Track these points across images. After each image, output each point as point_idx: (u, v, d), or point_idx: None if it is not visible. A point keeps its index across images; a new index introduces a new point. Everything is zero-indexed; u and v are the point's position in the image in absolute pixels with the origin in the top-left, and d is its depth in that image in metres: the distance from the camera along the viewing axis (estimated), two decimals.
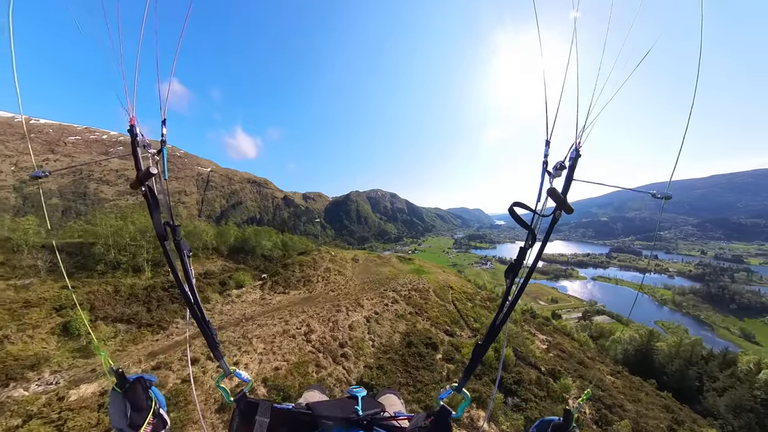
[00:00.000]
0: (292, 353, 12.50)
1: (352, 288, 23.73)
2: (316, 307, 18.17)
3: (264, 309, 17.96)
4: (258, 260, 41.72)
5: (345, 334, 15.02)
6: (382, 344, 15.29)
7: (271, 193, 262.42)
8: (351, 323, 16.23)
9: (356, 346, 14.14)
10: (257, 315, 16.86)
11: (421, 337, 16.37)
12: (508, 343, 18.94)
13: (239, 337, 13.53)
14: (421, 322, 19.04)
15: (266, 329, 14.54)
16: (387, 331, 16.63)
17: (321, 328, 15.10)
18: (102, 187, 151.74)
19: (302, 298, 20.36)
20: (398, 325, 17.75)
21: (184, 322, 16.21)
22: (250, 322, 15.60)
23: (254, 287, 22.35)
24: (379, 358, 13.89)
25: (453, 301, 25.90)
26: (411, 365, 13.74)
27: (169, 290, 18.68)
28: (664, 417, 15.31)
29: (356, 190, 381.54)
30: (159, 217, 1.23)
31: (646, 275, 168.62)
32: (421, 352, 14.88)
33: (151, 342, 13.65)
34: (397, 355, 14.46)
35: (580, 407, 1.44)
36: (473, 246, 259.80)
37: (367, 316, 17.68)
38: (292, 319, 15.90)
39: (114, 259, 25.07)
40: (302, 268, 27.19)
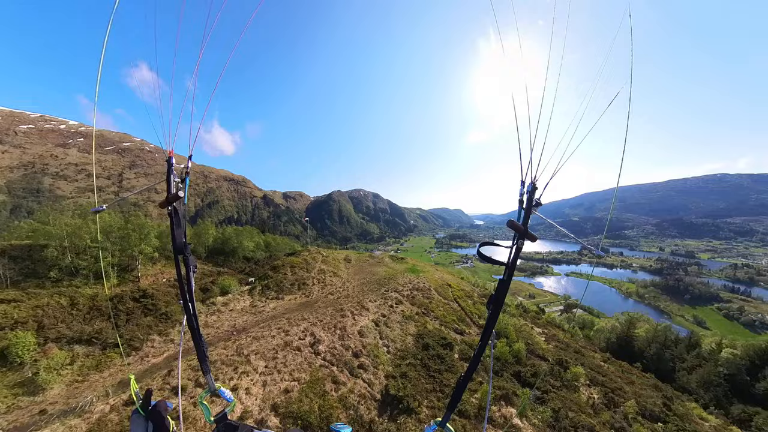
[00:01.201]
0: (302, 370, 10.60)
1: (351, 290, 21.92)
2: (318, 312, 16.23)
3: (257, 318, 15.76)
4: (240, 262, 38.44)
5: (356, 341, 13.29)
6: (398, 349, 13.78)
7: (250, 191, 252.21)
8: (360, 329, 14.51)
9: (372, 355, 12.48)
10: (250, 326, 14.68)
11: (435, 338, 15.23)
12: (518, 338, 18.97)
13: (233, 354, 11.39)
14: (430, 322, 17.78)
15: (264, 342, 12.47)
16: (399, 335, 15.11)
17: (328, 337, 13.24)
18: (59, 182, 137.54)
19: (299, 303, 18.30)
20: (408, 327, 16.30)
21: (161, 338, 13.72)
22: (243, 335, 13.43)
23: (242, 293, 19.95)
24: (398, 365, 12.41)
25: (455, 299, 24.95)
26: (433, 369, 12.59)
27: (142, 300, 15.96)
28: (656, 395, 16.35)
29: (338, 190, 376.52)
30: (181, 234, 1.52)
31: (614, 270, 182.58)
32: (440, 353, 13.77)
33: (120, 368, 11.15)
34: (416, 359, 13.10)
35: None
36: (454, 245, 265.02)
37: (375, 320, 16.03)
38: (293, 329, 13.89)
39: (71, 265, 21.72)
40: (294, 270, 24.95)
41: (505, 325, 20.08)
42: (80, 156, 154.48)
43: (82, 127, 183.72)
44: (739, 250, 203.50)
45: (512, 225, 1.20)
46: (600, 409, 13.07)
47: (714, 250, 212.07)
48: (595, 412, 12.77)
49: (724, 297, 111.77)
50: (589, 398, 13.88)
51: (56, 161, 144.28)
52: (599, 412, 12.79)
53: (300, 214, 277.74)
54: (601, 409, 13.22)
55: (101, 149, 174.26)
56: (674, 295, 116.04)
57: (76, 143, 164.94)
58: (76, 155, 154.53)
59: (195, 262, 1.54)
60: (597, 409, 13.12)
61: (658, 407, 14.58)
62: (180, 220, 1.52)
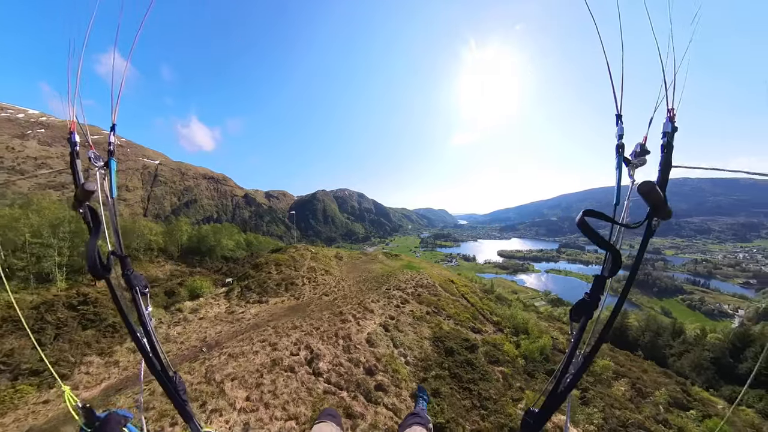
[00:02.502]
0: (300, 401, 7.60)
1: (348, 289, 18.94)
2: (312, 318, 13.13)
3: (235, 328, 12.43)
4: (218, 262, 34.31)
5: (366, 353, 10.39)
6: (417, 358, 11.13)
7: (231, 190, 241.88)
8: (368, 336, 11.62)
9: (389, 369, 9.66)
10: (225, 339, 11.37)
11: (455, 340, 12.88)
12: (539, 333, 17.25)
13: (200, 381, 8.18)
14: (444, 322, 15.36)
15: (244, 362, 9.31)
16: (413, 340, 12.47)
17: (330, 350, 10.24)
18: (13, 177, 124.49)
19: (288, 307, 15.07)
20: (422, 329, 13.71)
21: (102, 360, 10.19)
22: (215, 352, 10.15)
23: (216, 296, 16.47)
24: (423, 379, 9.79)
25: (463, 295, 22.75)
26: (465, 379, 10.20)
27: (80, 308, 12.24)
28: (670, 382, 16.23)
29: (323, 189, 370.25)
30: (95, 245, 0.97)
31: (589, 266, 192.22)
32: (468, 358, 11.44)
33: (32, 408, 7.57)
34: (443, 369, 10.58)
35: None
36: (439, 245, 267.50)
37: (383, 324, 13.23)
38: (282, 341, 10.77)
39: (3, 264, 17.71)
40: (280, 268, 21.58)
41: (522, 320, 18.67)
42: (40, 149, 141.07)
43: (44, 117, 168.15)
44: (699, 247, 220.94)
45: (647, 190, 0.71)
46: (638, 403, 12.36)
47: (677, 246, 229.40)
48: (636, 407, 11.90)
49: (687, 289, 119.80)
50: (625, 392, 13.04)
51: (12, 154, 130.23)
52: (640, 405, 12.07)
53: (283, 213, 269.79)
54: (638, 402, 12.52)
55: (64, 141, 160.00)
56: (644, 288, 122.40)
57: (36, 134, 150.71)
58: (36, 148, 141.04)
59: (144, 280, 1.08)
60: (636, 402, 12.38)
61: (682, 395, 14.33)
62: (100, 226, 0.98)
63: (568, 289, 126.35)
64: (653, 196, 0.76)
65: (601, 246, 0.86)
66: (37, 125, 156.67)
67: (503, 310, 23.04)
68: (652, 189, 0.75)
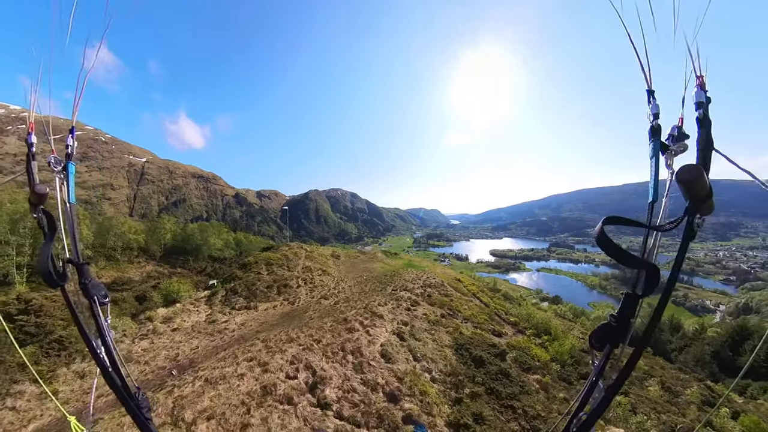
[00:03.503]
0: None
1: (350, 291, 16.79)
2: (311, 327, 10.92)
3: (215, 342, 10.09)
4: (204, 262, 31.51)
5: (384, 371, 8.29)
6: (443, 372, 9.21)
7: (221, 189, 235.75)
8: (382, 349, 9.51)
9: (415, 391, 7.59)
10: (203, 357, 9.08)
11: (481, 346, 11.21)
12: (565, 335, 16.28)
13: (164, 423, 5.90)
14: (463, 325, 13.53)
15: (226, 391, 7.06)
16: (434, 349, 10.56)
17: (337, 370, 8.08)
18: None
19: (281, 314, 12.78)
20: (440, 335, 11.84)
21: (37, 390, 7.76)
22: (188, 376, 7.86)
23: (196, 302, 14.05)
24: (457, 400, 7.92)
25: (475, 295, 21.04)
26: (505, 394, 8.51)
27: (19, 319, 9.69)
28: (689, 378, 15.76)
29: (315, 189, 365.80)
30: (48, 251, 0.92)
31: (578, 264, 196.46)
32: (503, 368, 9.84)
33: None
34: (476, 384, 8.79)
35: None
36: (431, 244, 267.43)
37: (397, 331, 11.19)
38: (275, 359, 8.54)
39: None
40: (271, 268, 19.23)
41: (541, 320, 17.75)
42: (20, 145, 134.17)
43: (25, 112, 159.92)
44: None
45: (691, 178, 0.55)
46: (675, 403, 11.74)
47: (662, 245, 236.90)
48: (678, 409, 11.20)
49: None
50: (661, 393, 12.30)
51: None
52: (680, 407, 11.49)
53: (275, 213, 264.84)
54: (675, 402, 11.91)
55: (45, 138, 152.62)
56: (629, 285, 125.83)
57: (17, 130, 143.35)
58: (15, 144, 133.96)
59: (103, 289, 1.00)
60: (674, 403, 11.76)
61: (707, 391, 13.89)
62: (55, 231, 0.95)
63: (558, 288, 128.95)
64: (698, 186, 0.58)
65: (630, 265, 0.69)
66: (17, 121, 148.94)
67: (518, 310, 21.45)
68: (698, 176, 0.56)
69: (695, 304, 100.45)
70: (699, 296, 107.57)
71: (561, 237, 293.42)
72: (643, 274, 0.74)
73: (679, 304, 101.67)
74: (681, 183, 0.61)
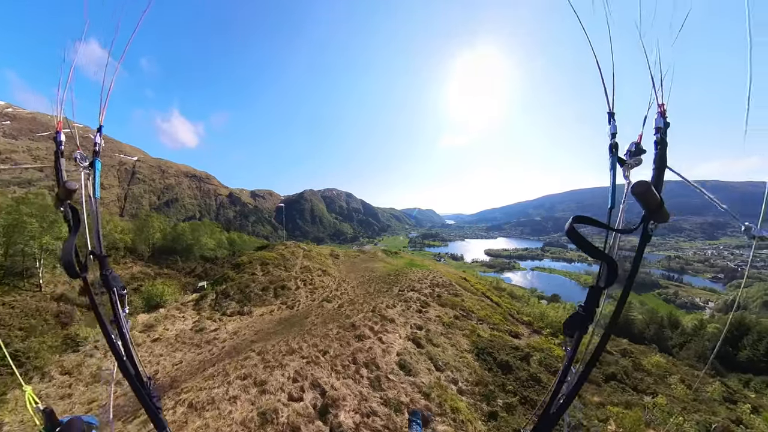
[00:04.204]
0: None
1: (353, 293, 15.43)
2: (314, 335, 9.52)
3: (203, 355, 8.61)
4: (195, 263, 29.77)
5: (405, 385, 6.99)
6: (469, 381, 8.11)
7: (215, 189, 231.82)
8: (399, 359, 8.22)
9: (445, 408, 6.35)
10: (188, 374, 7.63)
11: (504, 349, 10.33)
12: None
13: None
14: (479, 327, 12.41)
15: (214, 419, 5.65)
16: (454, 355, 9.42)
17: (351, 387, 6.72)
18: None
19: (279, 320, 11.32)
20: (458, 339, 10.75)
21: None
22: (168, 400, 6.42)
23: (183, 306, 12.48)
24: (491, 414, 6.80)
25: (484, 294, 20.01)
26: (541, 405, 6.79)
27: None
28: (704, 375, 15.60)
29: (310, 189, 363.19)
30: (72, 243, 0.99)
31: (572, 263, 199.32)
32: (532, 373, 8.90)
33: None
34: (507, 392, 7.82)
35: None
36: (427, 244, 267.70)
37: (412, 337, 9.93)
38: (274, 376, 7.14)
39: None
40: (267, 268, 17.74)
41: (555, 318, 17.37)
42: (5, 142, 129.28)
43: (10, 108, 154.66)
44: (672, 244, 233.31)
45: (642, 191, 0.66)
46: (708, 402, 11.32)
47: (652, 244, 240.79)
48: (708, 407, 10.68)
49: (662, 284, 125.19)
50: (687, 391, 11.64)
51: None
52: (710, 405, 11.04)
53: (270, 213, 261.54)
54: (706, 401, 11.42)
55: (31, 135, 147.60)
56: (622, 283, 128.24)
57: (2, 126, 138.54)
58: (1, 141, 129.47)
59: (120, 282, 1.06)
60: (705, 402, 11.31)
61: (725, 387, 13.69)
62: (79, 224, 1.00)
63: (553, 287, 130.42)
64: (648, 198, 0.70)
65: (593, 256, 0.79)
66: (2, 117, 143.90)
67: (530, 309, 20.47)
68: (647, 190, 0.68)
69: (685, 301, 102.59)
70: (689, 294, 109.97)
71: (554, 237, 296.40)
72: (605, 267, 0.81)
73: (670, 301, 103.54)
74: (634, 195, 0.71)
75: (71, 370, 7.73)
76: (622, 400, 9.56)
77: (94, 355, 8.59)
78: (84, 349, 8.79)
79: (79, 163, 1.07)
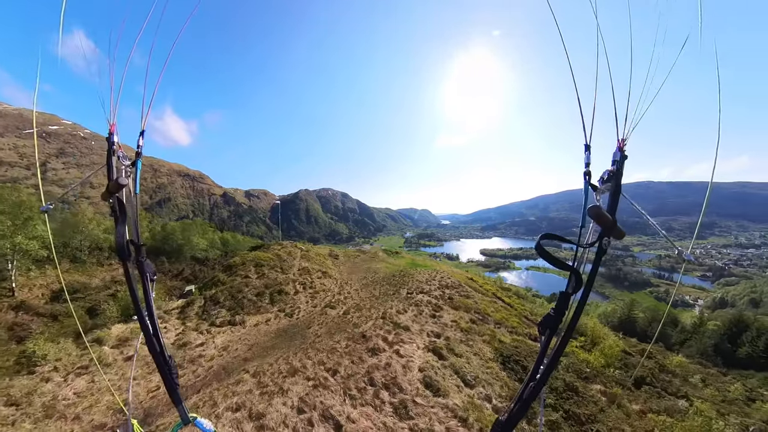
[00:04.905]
0: None
1: (358, 296, 14.02)
2: (319, 349, 8.11)
3: (184, 379, 7.04)
4: (184, 264, 27.98)
5: (436, 410, 5.67)
6: (503, 396, 7.01)
7: (208, 188, 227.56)
8: (422, 375, 6.89)
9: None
10: (164, 405, 6.13)
11: (532, 356, 9.36)
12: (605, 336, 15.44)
13: None
14: (498, 332, 11.22)
15: None
16: (481, 366, 8.19)
17: (371, 417, 5.34)
18: None
19: (276, 330, 9.84)
20: (479, 346, 9.61)
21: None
22: None
23: (167, 315, 10.86)
24: None
25: (495, 294, 18.91)
26: (585, 418, 6.64)
27: None
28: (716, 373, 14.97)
29: (305, 189, 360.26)
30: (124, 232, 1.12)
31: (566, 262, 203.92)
32: (570, 383, 7.89)
33: None
34: (547, 408, 6.91)
35: None
36: (422, 244, 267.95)
37: (432, 347, 8.65)
38: (274, 406, 5.71)
39: None
40: (262, 270, 16.21)
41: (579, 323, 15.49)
42: None
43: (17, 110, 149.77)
44: (662, 244, 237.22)
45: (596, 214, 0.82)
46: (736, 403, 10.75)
47: (644, 244, 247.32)
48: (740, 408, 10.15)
49: (654, 282, 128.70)
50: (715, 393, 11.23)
51: None
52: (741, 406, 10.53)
53: (264, 213, 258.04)
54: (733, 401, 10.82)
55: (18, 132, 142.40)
56: (616, 282, 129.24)
57: None
58: None
59: (153, 268, 1.20)
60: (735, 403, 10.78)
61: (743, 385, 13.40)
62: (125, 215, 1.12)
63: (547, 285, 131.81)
64: (602, 220, 0.84)
65: (561, 268, 0.93)
66: None
67: (543, 310, 19.40)
68: (601, 213, 0.83)
69: (676, 299, 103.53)
70: (679, 292, 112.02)
71: None
72: (572, 277, 0.94)
73: (661, 300, 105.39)
74: (590, 216, 0.84)
75: (19, 400, 6.17)
76: (662, 407, 8.63)
77: (52, 379, 7.00)
78: (41, 371, 7.22)
79: (121, 161, 1.15)
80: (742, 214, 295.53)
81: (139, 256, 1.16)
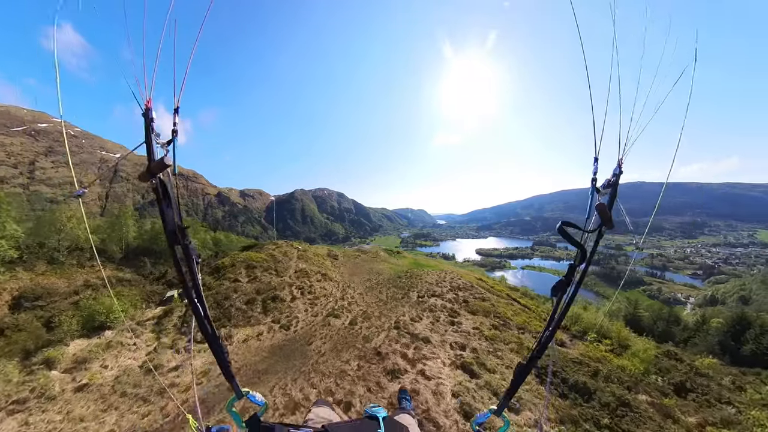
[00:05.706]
0: None
1: (363, 302, 12.37)
2: (325, 374, 6.47)
3: (149, 420, 5.36)
4: (168, 266, 26.24)
5: None
6: (552, 419, 5.75)
7: (202, 188, 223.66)
8: (456, 400, 5.35)
9: None
10: None
11: (571, 366, 8.13)
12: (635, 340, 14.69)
13: None
14: (524, 339, 9.82)
15: None
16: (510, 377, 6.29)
17: None
18: None
19: (270, 348, 8.12)
20: (510, 357, 8.13)
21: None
22: None
23: (140, 326, 9.09)
24: None
25: (509, 296, 17.76)
26: None
27: None
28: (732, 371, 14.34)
29: (301, 189, 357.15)
30: (173, 216, 1.08)
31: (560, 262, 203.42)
32: (620, 396, 6.85)
33: None
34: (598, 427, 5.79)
35: None
36: (419, 244, 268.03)
37: (459, 362, 7.16)
38: None
39: None
40: (254, 272, 14.47)
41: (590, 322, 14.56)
42: None
43: None
44: (654, 243, 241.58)
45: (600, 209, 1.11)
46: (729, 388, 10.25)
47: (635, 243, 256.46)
48: None
49: (647, 281, 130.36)
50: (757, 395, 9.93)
51: None
52: None
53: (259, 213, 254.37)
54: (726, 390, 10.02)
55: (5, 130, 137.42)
56: (609, 281, 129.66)
57: None
58: None
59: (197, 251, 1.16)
60: None
61: None
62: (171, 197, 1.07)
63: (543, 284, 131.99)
64: (603, 214, 1.10)
65: (573, 244, 1.20)
66: None
67: None
68: (603, 209, 1.10)
69: (668, 296, 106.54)
70: (671, 289, 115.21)
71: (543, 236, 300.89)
72: (578, 252, 1.19)
73: (654, 297, 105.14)
74: (596, 211, 1.10)
75: None
76: (717, 417, 7.43)
77: None
78: None
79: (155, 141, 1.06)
80: (731, 214, 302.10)
81: (184, 239, 1.10)
